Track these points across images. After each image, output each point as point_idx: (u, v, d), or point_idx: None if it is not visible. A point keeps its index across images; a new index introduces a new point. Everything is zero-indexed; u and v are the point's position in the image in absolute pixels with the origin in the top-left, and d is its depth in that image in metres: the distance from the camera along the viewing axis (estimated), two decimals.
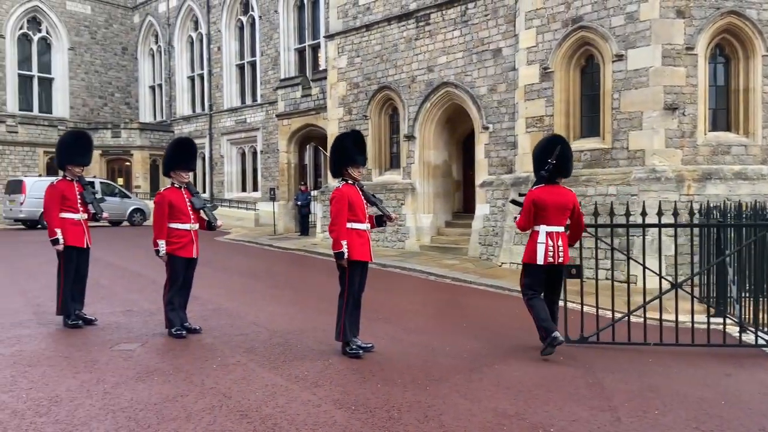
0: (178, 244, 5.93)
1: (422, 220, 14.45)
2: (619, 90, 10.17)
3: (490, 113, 12.84)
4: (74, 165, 6.41)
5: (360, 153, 5.33)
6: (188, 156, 6.15)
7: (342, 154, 5.35)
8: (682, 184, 9.61)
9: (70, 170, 6.42)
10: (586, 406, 4.03)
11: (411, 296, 8.83)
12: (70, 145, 6.48)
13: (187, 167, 6.10)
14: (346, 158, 5.32)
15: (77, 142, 6.54)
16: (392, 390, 4.31)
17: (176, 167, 6.03)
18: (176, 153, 6.09)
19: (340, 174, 5.41)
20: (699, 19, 9.68)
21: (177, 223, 5.94)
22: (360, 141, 5.41)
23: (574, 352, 5.47)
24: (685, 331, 5.71)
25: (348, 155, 5.31)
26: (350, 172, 5.32)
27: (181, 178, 6.05)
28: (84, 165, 6.52)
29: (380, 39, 15.11)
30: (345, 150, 5.33)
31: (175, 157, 6.07)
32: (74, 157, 6.41)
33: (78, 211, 6.35)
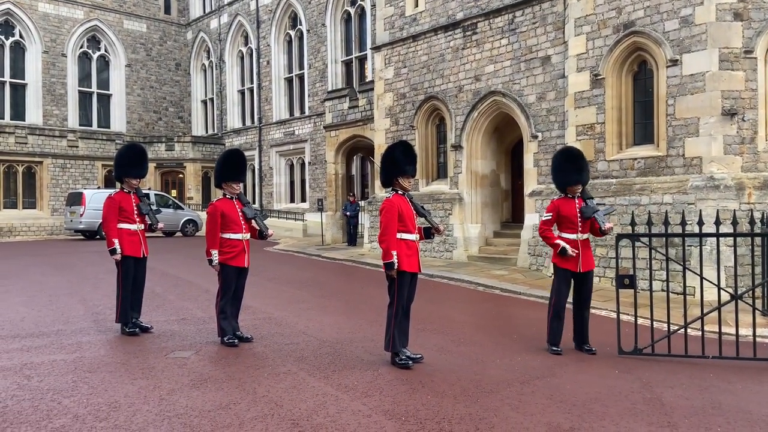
0: (231, 253, 6.04)
1: (470, 230, 14.34)
2: (673, 96, 9.86)
3: (538, 121, 12.67)
4: (131, 177, 6.62)
5: (409, 163, 5.37)
6: (238, 167, 6.27)
7: (392, 164, 5.40)
8: (743, 192, 9.22)
9: (127, 182, 6.62)
10: (645, 422, 3.89)
11: (459, 307, 8.75)
12: (126, 158, 6.68)
13: (238, 178, 6.22)
14: (396, 168, 5.36)
15: (133, 155, 6.74)
16: (442, 401, 4.28)
17: (227, 179, 6.17)
18: (226, 165, 6.22)
19: (390, 184, 5.48)
20: (758, 21, 9.31)
21: (229, 233, 6.06)
22: (410, 151, 5.47)
23: (629, 364, 5.31)
24: (746, 345, 5.46)
25: (398, 166, 5.36)
26: (400, 182, 5.36)
27: (232, 189, 6.17)
28: (140, 177, 6.72)
29: (427, 49, 15.15)
30: (395, 160, 5.38)
31: (226, 169, 6.19)
32: (131, 170, 6.63)
33: (135, 221, 6.55)
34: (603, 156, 10.86)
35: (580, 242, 5.84)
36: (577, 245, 5.82)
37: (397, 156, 5.38)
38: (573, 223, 5.86)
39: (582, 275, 5.88)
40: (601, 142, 10.90)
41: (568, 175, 5.92)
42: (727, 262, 8.22)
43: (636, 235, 5.85)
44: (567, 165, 5.97)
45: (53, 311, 7.90)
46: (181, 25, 33.12)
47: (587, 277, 5.91)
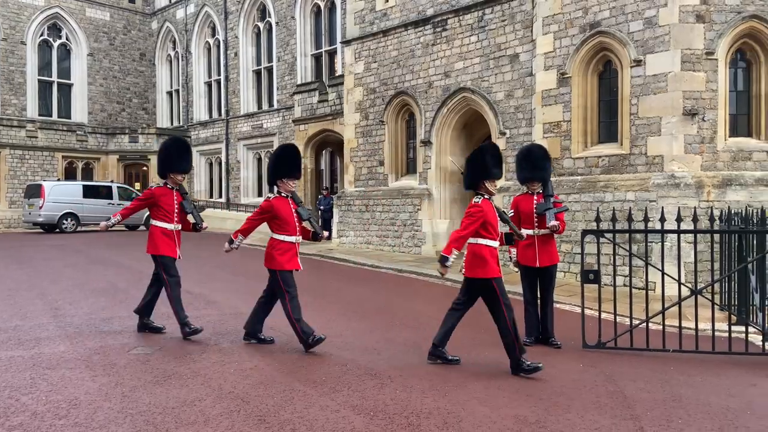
0: (285, 256, 5.57)
1: (438, 226, 14.40)
2: (637, 95, 10.07)
3: (507, 119, 12.80)
4: (177, 172, 6.13)
5: (497, 166, 5.18)
6: (295, 163, 5.80)
7: (480, 167, 5.14)
8: (702, 191, 9.49)
9: (172, 178, 6.13)
10: (608, 415, 3.97)
11: (428, 302, 8.79)
12: (172, 152, 6.16)
13: (294, 175, 5.73)
14: (485, 172, 5.10)
15: (179, 149, 6.24)
16: (411, 396, 4.29)
17: (283, 175, 5.65)
18: (282, 160, 5.71)
19: (474, 187, 5.19)
20: (719, 23, 9.57)
21: (283, 235, 5.58)
22: (498, 154, 5.28)
23: (593, 358, 5.41)
24: (705, 339, 5.62)
25: (486, 169, 5.10)
26: (486, 185, 5.12)
27: (287, 187, 5.67)
28: (186, 172, 6.29)
29: (397, 44, 15.14)
30: (484, 164, 5.12)
31: (282, 165, 5.69)
32: (176, 165, 6.12)
33: (173, 220, 6.08)
34: (569, 153, 11.03)
35: (538, 238, 5.96)
36: (534, 240, 5.93)
37: (486, 159, 5.13)
38: (530, 219, 5.97)
39: (542, 270, 5.97)
40: (567, 140, 11.07)
41: (524, 171, 6.07)
42: (688, 258, 8.43)
43: (600, 231, 5.96)
44: (524, 162, 6.09)
45: (11, 306, 7.64)
46: (146, 15, 32.35)
47: (548, 272, 6.01)
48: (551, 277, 6.12)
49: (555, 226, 5.91)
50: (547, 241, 6.04)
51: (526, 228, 6.03)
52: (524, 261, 6.05)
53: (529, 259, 6.03)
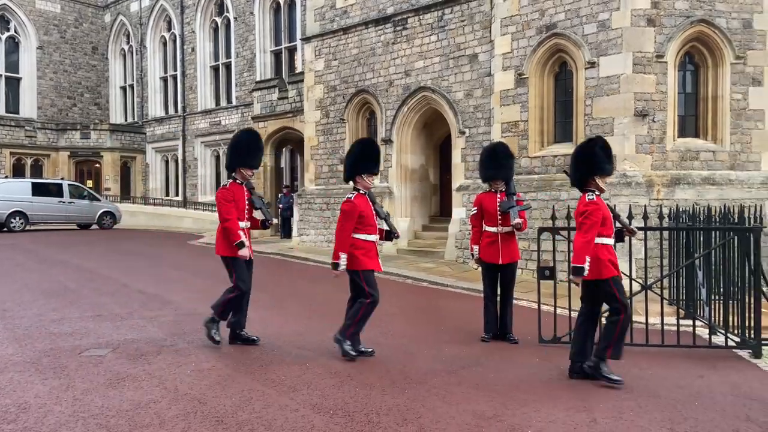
0: (367, 257, 5.33)
1: (399, 224, 14.43)
2: (591, 96, 10.34)
3: (466, 118, 12.94)
4: (248, 167, 5.67)
5: (609, 161, 4.88)
6: (376, 157, 5.51)
7: (590, 162, 4.84)
8: (652, 189, 9.81)
9: (241, 173, 5.66)
10: (563, 407, 4.07)
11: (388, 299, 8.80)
12: (244, 146, 5.71)
13: (375, 170, 5.44)
14: (596, 167, 4.81)
15: (252, 143, 5.78)
16: (371, 393, 4.29)
17: (363, 170, 5.32)
18: (364, 155, 5.39)
19: (584, 184, 4.90)
20: (669, 27, 9.91)
21: (363, 234, 5.30)
22: (608, 148, 4.91)
23: (549, 352, 5.54)
24: (655, 333, 5.82)
25: (597, 163, 4.79)
26: (597, 182, 4.84)
27: (366, 184, 5.37)
28: (256, 168, 5.86)
29: (358, 42, 15.11)
30: (594, 158, 4.83)
31: (363, 160, 5.35)
32: (248, 159, 5.67)
33: (245, 218, 5.69)
34: (526, 153, 11.23)
35: (501, 235, 6.06)
36: (497, 238, 6.03)
37: (597, 153, 4.81)
38: (494, 217, 6.07)
39: (504, 267, 6.09)
40: (524, 140, 11.28)
41: (488, 170, 6.16)
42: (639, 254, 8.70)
43: (556, 229, 6.10)
44: (488, 160, 6.19)
45: None
46: (99, 7, 31.38)
47: (509, 269, 6.13)
48: (512, 274, 6.23)
49: (518, 224, 6.02)
50: (509, 238, 6.14)
51: (490, 225, 6.12)
52: (487, 258, 6.13)
53: (491, 256, 6.11)
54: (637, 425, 3.76)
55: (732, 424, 3.80)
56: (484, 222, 6.19)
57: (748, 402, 4.24)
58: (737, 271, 5.86)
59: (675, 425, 3.77)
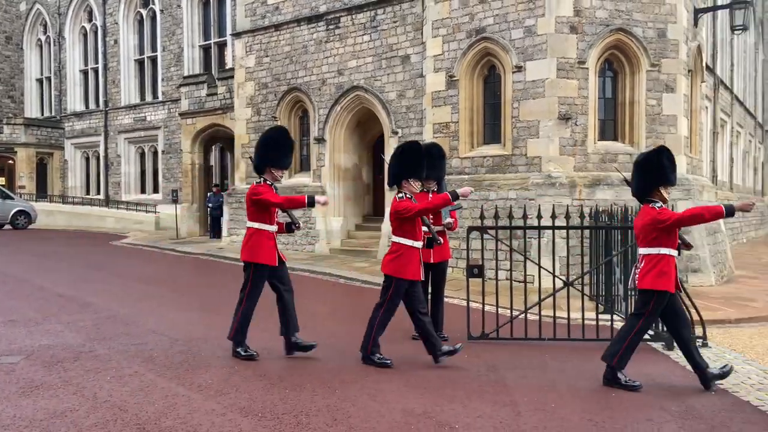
0: (407, 264, 5.13)
1: (332, 224, 14.41)
2: (518, 99, 10.67)
3: (399, 118, 13.05)
4: (279, 168, 5.33)
5: (674, 170, 4.74)
6: (422, 163, 5.32)
7: (656, 172, 4.66)
8: (575, 190, 10.23)
9: (272, 173, 5.31)
10: (490, 402, 4.17)
11: (321, 300, 8.77)
12: (274, 144, 5.33)
13: (420, 175, 5.31)
14: (662, 177, 4.63)
15: (283, 141, 5.40)
16: (301, 395, 4.25)
17: (412, 175, 5.21)
18: (413, 160, 5.27)
19: (647, 194, 4.68)
20: (590, 35, 10.37)
21: (407, 239, 5.16)
22: (672, 158, 4.78)
23: (477, 349, 5.66)
24: (577, 327, 6.07)
25: (664, 174, 4.63)
26: (662, 192, 4.64)
27: (412, 188, 5.27)
28: (287, 168, 5.58)
29: (290, 40, 14.93)
30: (661, 168, 4.64)
31: (414, 164, 5.22)
32: (282, 159, 5.33)
33: (274, 222, 5.38)
34: (457, 153, 11.46)
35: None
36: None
37: (664, 163, 4.62)
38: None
39: (435, 265, 6.18)
40: (455, 140, 11.50)
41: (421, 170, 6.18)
42: (562, 252, 9.06)
43: (484, 228, 6.25)
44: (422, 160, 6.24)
45: None
46: None
47: (440, 268, 6.23)
48: (443, 273, 6.33)
49: (450, 223, 6.11)
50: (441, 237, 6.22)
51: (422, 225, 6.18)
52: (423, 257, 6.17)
53: (424, 255, 6.17)
54: (558, 416, 3.91)
55: (646, 414, 4.02)
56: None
57: (661, 392, 4.50)
58: None
59: (594, 415, 3.95)
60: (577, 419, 3.86)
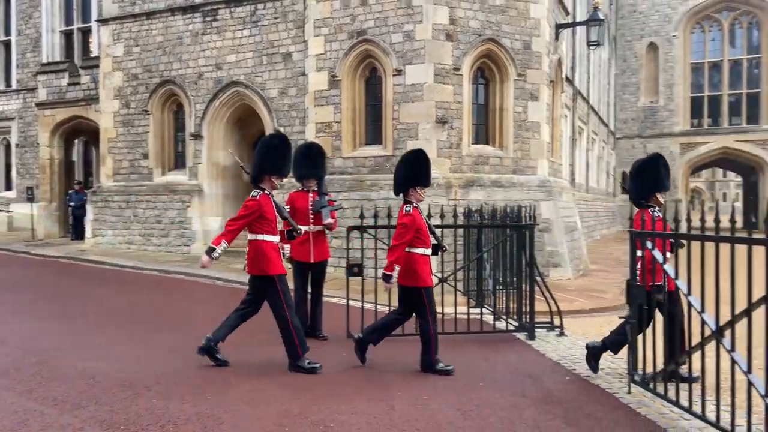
0: (424, 271, 4.98)
1: (210, 224, 13.86)
2: (399, 102, 10.93)
3: (281, 116, 12.85)
4: (279, 176, 5.08)
5: (668, 177, 4.93)
6: (426, 170, 5.18)
7: (653, 178, 4.88)
8: (451, 190, 10.68)
9: (271, 182, 5.05)
10: (366, 399, 4.23)
11: (198, 304, 8.41)
12: (276, 151, 5.09)
13: (426, 182, 5.17)
14: (658, 183, 4.87)
15: (282, 147, 5.16)
16: (169, 404, 4.04)
17: (416, 183, 5.07)
18: (417, 167, 5.10)
19: (644, 200, 4.86)
20: (464, 43, 10.87)
21: (421, 248, 5.02)
22: (667, 165, 5.01)
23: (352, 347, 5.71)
24: (450, 321, 6.32)
25: (661, 180, 4.87)
26: (658, 197, 4.86)
27: (418, 196, 5.12)
28: (286, 176, 5.25)
29: (163, 30, 14.16)
30: (657, 174, 4.87)
31: (416, 172, 5.09)
32: (281, 166, 5.08)
33: (276, 232, 5.09)
34: (340, 153, 11.51)
35: (313, 234, 6.13)
36: (309, 237, 6.10)
37: (660, 170, 4.87)
38: (306, 216, 6.12)
39: (315, 265, 6.17)
40: (338, 140, 11.54)
41: (302, 168, 6.20)
42: None
43: (364, 227, 6.32)
44: (302, 159, 6.23)
45: None
46: None
47: (320, 267, 6.23)
48: (323, 272, 6.34)
49: (330, 223, 6.12)
50: (320, 237, 6.23)
51: (301, 224, 6.14)
52: (298, 257, 6.15)
53: (303, 255, 6.15)
54: (430, 408, 4.06)
55: (510, 401, 4.28)
56: (296, 221, 6.20)
57: (523, 379, 4.82)
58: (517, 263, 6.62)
59: (462, 405, 4.14)
60: (448, 410, 4.03)
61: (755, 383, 3.18)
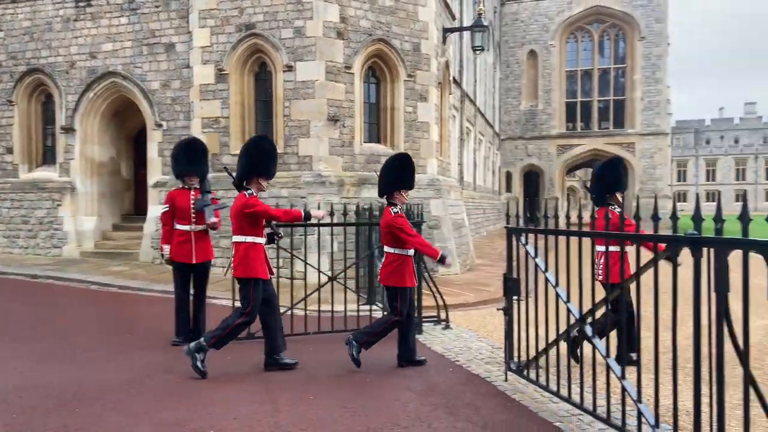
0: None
1: (84, 224, 12.90)
2: (290, 99, 10.78)
3: (163, 110, 12.22)
4: (266, 177, 5.14)
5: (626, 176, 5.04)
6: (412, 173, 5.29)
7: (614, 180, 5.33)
8: (343, 188, 10.71)
9: (258, 183, 5.13)
10: (248, 402, 4.12)
11: (69, 310, 7.79)
12: (263, 153, 5.09)
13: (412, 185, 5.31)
14: (619, 184, 5.30)
15: (270, 149, 5.19)
16: (32, 418, 3.71)
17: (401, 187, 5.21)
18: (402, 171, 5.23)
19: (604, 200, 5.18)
20: (355, 42, 10.93)
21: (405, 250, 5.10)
22: (624, 166, 5.16)
23: (242, 350, 5.56)
24: (341, 319, 6.33)
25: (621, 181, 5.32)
26: (618, 197, 5.22)
27: (402, 199, 5.23)
28: (272, 177, 5.27)
29: (30, 14, 12.97)
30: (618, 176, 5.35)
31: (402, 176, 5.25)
32: (269, 168, 5.14)
33: (263, 234, 5.10)
34: (228, 150, 11.15)
35: (195, 234, 5.90)
36: (190, 237, 5.86)
37: (621, 172, 5.36)
38: (187, 215, 5.87)
39: (197, 266, 5.94)
40: (225, 136, 11.18)
41: (183, 165, 5.95)
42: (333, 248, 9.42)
43: None
44: (182, 155, 5.97)
45: None
46: None
47: (203, 268, 6.00)
48: (206, 274, 6.10)
49: (214, 223, 5.90)
50: (203, 237, 6.00)
51: (183, 224, 5.89)
52: (179, 258, 5.89)
53: (184, 256, 5.89)
54: (317, 407, 4.03)
55: (394, 395, 4.35)
56: (177, 220, 5.94)
57: (407, 373, 4.92)
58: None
59: (349, 402, 4.15)
60: (335, 408, 4.02)
61: (612, 367, 3.46)
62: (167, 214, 5.98)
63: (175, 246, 5.89)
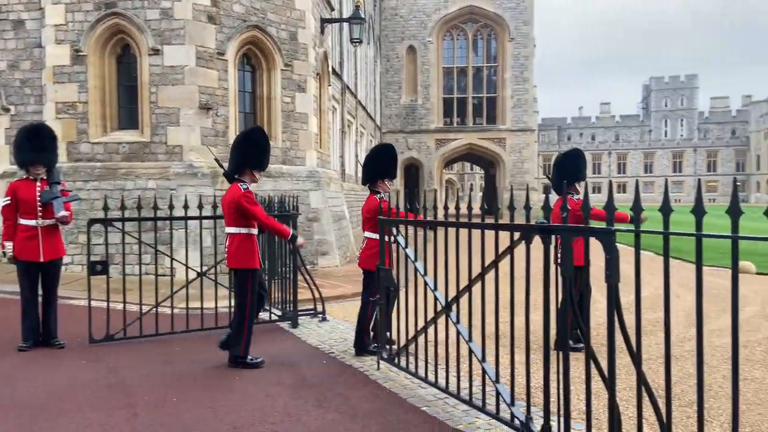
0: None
1: None
2: (156, 84, 10.15)
3: (11, 93, 11.01)
4: (259, 169, 5.08)
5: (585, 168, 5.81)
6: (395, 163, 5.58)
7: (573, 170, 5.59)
8: (217, 180, 10.27)
9: (252, 175, 5.02)
10: (105, 408, 3.82)
11: None
12: (256, 144, 5.03)
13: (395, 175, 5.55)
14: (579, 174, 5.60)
15: (263, 141, 5.11)
16: None
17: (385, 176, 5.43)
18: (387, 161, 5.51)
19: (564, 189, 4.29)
20: (228, 27, 10.51)
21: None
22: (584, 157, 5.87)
23: (99, 352, 5.17)
24: (211, 317, 6.06)
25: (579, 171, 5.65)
26: (577, 187, 5.55)
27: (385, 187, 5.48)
28: (265, 169, 5.24)
29: None
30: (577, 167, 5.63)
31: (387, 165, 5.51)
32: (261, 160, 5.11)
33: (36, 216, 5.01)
34: (87, 138, 10.31)
35: (42, 229, 5.36)
36: (37, 232, 5.32)
37: (580, 163, 5.65)
38: (32, 208, 5.31)
39: (47, 265, 5.40)
40: (84, 123, 10.31)
41: (27, 152, 5.35)
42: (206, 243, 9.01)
43: (108, 220, 5.71)
44: (26, 142, 5.39)
45: None
46: None
47: (52, 267, 5.47)
48: (56, 272, 5.57)
49: (65, 216, 5.37)
50: (51, 232, 5.45)
51: (28, 218, 5.31)
52: (24, 256, 5.31)
53: (30, 254, 5.32)
54: (178, 410, 3.81)
55: (265, 391, 4.23)
56: (20, 214, 5.35)
57: (280, 368, 4.81)
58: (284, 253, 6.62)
59: (215, 402, 3.97)
60: (198, 410, 3.83)
61: (474, 350, 3.61)
62: (9, 208, 5.37)
63: (20, 243, 5.31)
